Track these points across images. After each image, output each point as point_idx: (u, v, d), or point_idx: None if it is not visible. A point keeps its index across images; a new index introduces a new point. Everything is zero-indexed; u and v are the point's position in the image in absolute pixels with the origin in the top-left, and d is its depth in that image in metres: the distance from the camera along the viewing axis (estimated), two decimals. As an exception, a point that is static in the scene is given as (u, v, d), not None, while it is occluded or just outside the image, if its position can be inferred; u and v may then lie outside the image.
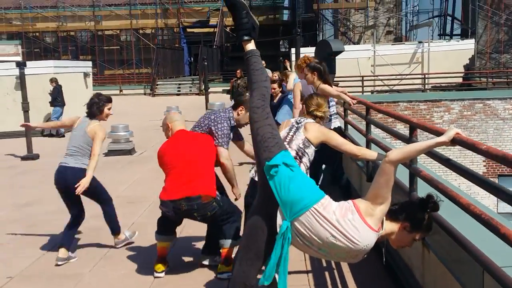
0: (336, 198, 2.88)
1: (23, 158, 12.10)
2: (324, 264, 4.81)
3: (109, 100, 5.61)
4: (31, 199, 8.08)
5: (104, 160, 11.59)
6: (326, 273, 4.67)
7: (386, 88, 26.54)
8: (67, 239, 5.29)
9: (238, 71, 17.85)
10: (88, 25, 46.92)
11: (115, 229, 5.64)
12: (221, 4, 44.70)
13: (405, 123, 3.78)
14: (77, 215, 5.43)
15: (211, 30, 45.64)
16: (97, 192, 5.54)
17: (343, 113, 7.47)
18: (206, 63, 19.73)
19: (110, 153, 12.13)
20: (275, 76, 9.03)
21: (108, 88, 37.83)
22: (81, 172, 5.22)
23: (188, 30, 47.63)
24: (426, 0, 39.51)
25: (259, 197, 3.08)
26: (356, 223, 2.73)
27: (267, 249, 2.96)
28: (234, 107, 4.95)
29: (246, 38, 3.27)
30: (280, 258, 2.79)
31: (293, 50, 23.27)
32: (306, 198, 2.81)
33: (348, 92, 6.65)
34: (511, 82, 23.47)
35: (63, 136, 15.75)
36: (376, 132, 7.87)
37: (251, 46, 3.27)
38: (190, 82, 37.23)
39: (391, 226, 2.84)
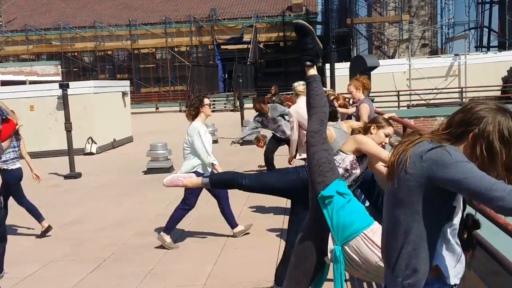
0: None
1: (66, 177, 12.42)
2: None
3: None
4: (76, 218, 8.32)
5: (143, 178, 11.85)
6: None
7: (422, 102, 26.31)
8: None
9: (273, 88, 17.99)
10: (124, 44, 47.94)
11: None
12: (254, 21, 45.18)
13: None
14: None
15: (245, 46, 46.06)
16: None
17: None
18: (241, 80, 19.91)
19: (149, 171, 12.34)
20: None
21: (144, 106, 38.53)
22: None
23: (222, 47, 48.16)
24: (461, 12, 39.13)
25: (310, 218, 3.17)
26: None
27: (315, 270, 3.06)
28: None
29: (309, 64, 3.34)
30: (341, 281, 2.88)
31: (327, 65, 23.32)
32: (356, 224, 2.90)
33: (385, 107, 6.88)
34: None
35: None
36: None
37: (313, 71, 3.34)
38: (225, 98, 37.59)
39: None
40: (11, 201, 7.08)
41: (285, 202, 8.39)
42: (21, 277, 5.62)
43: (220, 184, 4.29)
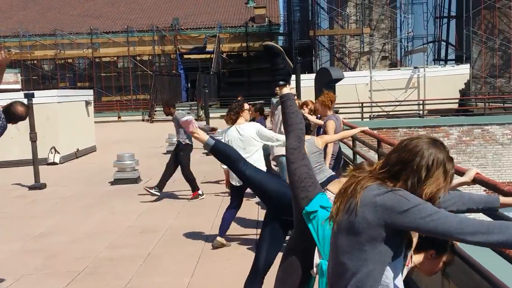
0: None
1: (31, 188, 12.20)
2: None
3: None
4: (45, 230, 8.19)
5: (110, 189, 11.73)
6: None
7: (383, 113, 26.84)
8: None
9: (239, 98, 18.04)
10: (85, 53, 47.36)
11: None
12: (218, 31, 45.30)
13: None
14: None
15: (208, 56, 46.11)
16: None
17: (351, 143, 7.70)
18: (207, 90, 19.94)
19: (116, 182, 12.23)
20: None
21: (106, 114, 38.06)
22: None
23: (185, 56, 48.10)
24: (420, 26, 40.09)
25: (295, 232, 3.25)
26: None
27: (301, 283, 3.13)
28: None
29: (282, 83, 3.43)
30: None
31: (292, 77, 23.55)
32: None
33: (349, 119, 7.19)
34: (508, 108, 23.78)
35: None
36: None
37: (286, 90, 3.44)
38: (188, 108, 37.48)
39: (418, 258, 3.00)
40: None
41: (256, 215, 8.48)
42: (-7, 291, 5.52)
43: (220, 154, 4.14)
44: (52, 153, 17.03)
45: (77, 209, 9.72)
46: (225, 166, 6.31)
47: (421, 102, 24.88)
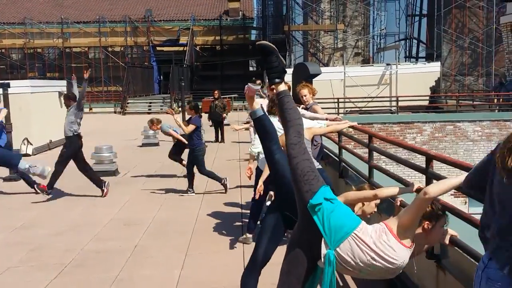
0: None
1: (6, 179, 12.00)
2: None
3: None
4: (26, 222, 8.07)
5: (89, 181, 11.58)
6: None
7: (356, 109, 27.09)
8: None
9: (216, 92, 18.06)
10: (56, 42, 46.58)
11: None
12: (191, 23, 45.04)
13: (421, 154, 4.06)
14: None
15: (181, 49, 45.82)
16: None
17: (337, 138, 7.80)
18: (183, 83, 19.86)
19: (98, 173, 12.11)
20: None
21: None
22: None
23: (158, 48, 47.72)
24: (392, 23, 40.54)
25: (299, 225, 3.30)
26: (391, 243, 2.99)
27: (307, 274, 3.20)
28: None
29: (277, 80, 3.49)
30: (331, 285, 3.02)
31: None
32: (346, 226, 3.06)
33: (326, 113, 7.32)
34: (477, 105, 24.28)
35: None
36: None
37: (282, 87, 3.51)
38: (161, 100, 37.26)
39: (417, 235, 3.10)
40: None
41: (240, 208, 8.53)
42: (-20, 284, 5.45)
43: (263, 127, 4.02)
44: (24, 144, 16.77)
45: (57, 201, 9.61)
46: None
47: (395, 98, 25.18)
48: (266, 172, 5.76)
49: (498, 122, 18.96)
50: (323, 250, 3.08)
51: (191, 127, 9.43)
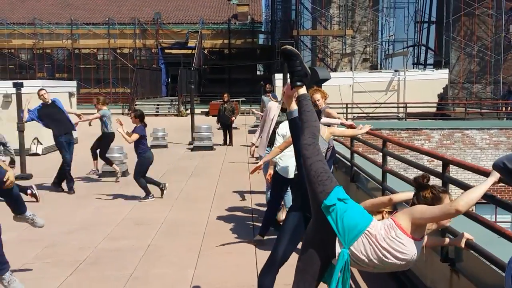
0: None
1: (17, 178, 12.07)
2: None
3: None
4: (38, 220, 8.16)
5: (99, 181, 11.73)
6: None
7: (363, 115, 27.13)
8: None
9: (225, 95, 18.12)
10: (65, 43, 46.85)
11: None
12: (200, 27, 45.23)
13: (438, 159, 4.12)
14: None
15: (189, 52, 46.01)
16: None
17: (349, 143, 7.87)
18: (193, 86, 19.96)
19: (104, 174, 12.23)
20: None
21: (84, 107, 37.58)
22: None
23: (166, 51, 47.92)
24: (401, 30, 40.61)
25: (313, 224, 3.37)
26: (402, 239, 3.06)
27: (322, 272, 3.27)
28: None
29: (299, 84, 3.64)
30: (345, 283, 3.10)
31: (277, 75, 23.75)
32: (359, 224, 3.15)
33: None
34: (484, 113, 24.30)
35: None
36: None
37: (303, 90, 3.64)
38: (169, 103, 37.38)
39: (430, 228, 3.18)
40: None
41: (250, 210, 8.60)
42: (-3, 279, 5.52)
43: (297, 127, 3.97)
44: (34, 144, 16.92)
45: (68, 200, 9.71)
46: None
47: (403, 105, 25.21)
48: (268, 156, 6.01)
49: (506, 130, 18.98)
50: (338, 249, 3.16)
51: (135, 137, 9.47)
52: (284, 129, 6.11)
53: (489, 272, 3.37)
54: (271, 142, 6.99)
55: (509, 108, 22.31)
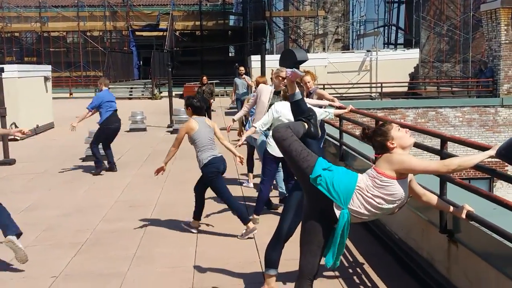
0: None
1: (0, 163, 12.07)
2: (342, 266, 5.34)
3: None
4: (31, 204, 8.24)
5: (83, 165, 11.75)
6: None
7: (337, 95, 27.41)
8: None
9: (205, 78, 18.18)
10: (33, 27, 45.91)
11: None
12: (171, 8, 44.80)
13: (436, 137, 4.38)
14: None
15: (161, 34, 45.60)
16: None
17: (338, 123, 8.12)
18: (170, 69, 19.95)
19: (88, 158, 12.23)
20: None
21: (56, 91, 37.07)
22: None
23: (137, 33, 47.40)
24: (371, 10, 40.94)
25: (308, 199, 3.65)
26: (387, 183, 3.41)
27: (326, 238, 3.54)
28: None
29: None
30: (343, 243, 3.49)
31: (253, 57, 23.84)
32: (349, 183, 3.46)
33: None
34: (455, 91, 24.83)
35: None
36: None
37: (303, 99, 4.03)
38: (142, 86, 37.14)
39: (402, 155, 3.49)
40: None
41: (240, 189, 8.79)
42: (2, 262, 5.63)
43: (299, 108, 4.17)
44: (12, 129, 16.72)
45: (57, 184, 9.76)
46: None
47: (378, 85, 25.58)
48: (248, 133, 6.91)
49: (478, 108, 19.51)
50: (337, 212, 3.43)
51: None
52: (279, 110, 6.28)
53: (489, 240, 3.63)
54: None
55: (480, 86, 22.85)
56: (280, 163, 7.05)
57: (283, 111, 6.13)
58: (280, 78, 6.98)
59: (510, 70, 20.48)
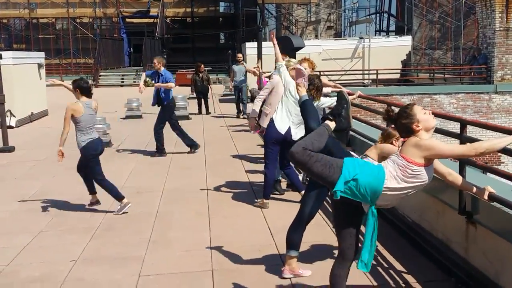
0: None
1: (0, 150, 12.02)
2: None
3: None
4: (38, 190, 8.25)
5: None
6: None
7: (331, 82, 27.46)
8: None
9: (202, 65, 18.15)
10: (22, 13, 45.46)
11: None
12: (162, -5, 44.52)
13: (456, 121, 4.46)
14: None
15: (151, 21, 45.37)
16: None
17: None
18: (165, 56, 19.89)
19: (88, 144, 12.20)
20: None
21: (47, 78, 36.87)
22: None
23: (128, 20, 47.10)
24: (364, -3, 40.98)
25: (335, 203, 3.73)
26: (419, 171, 3.44)
27: (360, 223, 3.71)
28: None
29: (331, 118, 3.87)
30: (375, 233, 3.55)
31: (248, 44, 23.79)
32: (376, 187, 3.48)
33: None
34: (448, 78, 24.96)
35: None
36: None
37: (332, 124, 3.85)
38: (134, 73, 36.99)
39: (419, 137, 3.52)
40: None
41: (245, 175, 8.85)
42: (19, 247, 5.65)
43: (307, 109, 4.28)
44: (8, 116, 16.65)
45: (59, 171, 9.72)
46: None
47: (373, 72, 25.64)
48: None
49: (472, 94, 19.65)
50: (365, 208, 3.56)
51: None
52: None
53: (511, 220, 3.73)
54: None
55: (473, 73, 22.99)
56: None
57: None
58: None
59: (504, 57, 20.61)
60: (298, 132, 6.41)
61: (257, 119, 7.63)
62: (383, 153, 4.20)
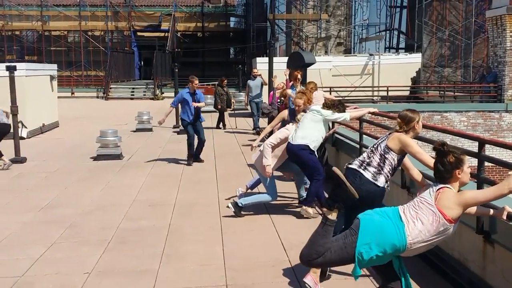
0: None
1: (12, 161, 12.07)
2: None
3: None
4: (50, 202, 8.26)
5: (95, 164, 11.79)
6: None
7: (339, 98, 27.48)
8: None
9: (225, 80, 18.36)
10: (35, 25, 45.92)
11: None
12: (173, 9, 44.88)
13: (473, 140, 4.45)
14: None
15: (162, 34, 45.66)
16: None
17: (358, 126, 8.18)
18: (177, 70, 19.99)
19: (99, 157, 12.28)
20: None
21: (58, 90, 37.03)
22: None
23: (139, 34, 47.43)
24: (374, 14, 41.07)
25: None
26: (449, 228, 3.54)
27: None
28: None
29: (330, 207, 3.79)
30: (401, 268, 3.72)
31: (258, 59, 23.89)
32: (397, 248, 3.55)
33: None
34: (458, 96, 24.95)
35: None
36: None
37: (333, 215, 3.75)
38: (144, 86, 37.17)
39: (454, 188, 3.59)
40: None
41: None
42: (32, 258, 5.66)
43: None
44: (19, 127, 16.75)
45: (71, 183, 9.78)
46: None
47: (383, 88, 25.67)
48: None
49: (483, 112, 19.64)
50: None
51: None
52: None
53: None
54: None
55: (482, 91, 22.98)
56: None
57: None
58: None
59: (515, 76, 20.61)
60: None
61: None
62: (404, 147, 4.30)
